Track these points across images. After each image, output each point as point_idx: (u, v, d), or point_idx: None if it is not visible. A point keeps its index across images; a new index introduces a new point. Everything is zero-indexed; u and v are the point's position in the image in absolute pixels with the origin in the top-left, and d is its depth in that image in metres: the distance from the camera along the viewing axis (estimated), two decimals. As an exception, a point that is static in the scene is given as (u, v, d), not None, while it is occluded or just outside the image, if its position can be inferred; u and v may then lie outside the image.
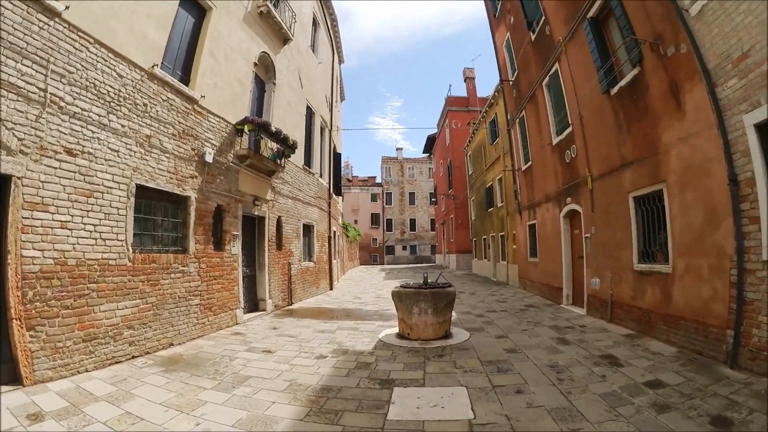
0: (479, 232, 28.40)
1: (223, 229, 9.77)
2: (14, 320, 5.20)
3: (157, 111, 7.80)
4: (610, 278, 9.58)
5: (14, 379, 5.25)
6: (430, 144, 49.55)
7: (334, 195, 21.38)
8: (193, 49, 9.15)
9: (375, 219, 62.52)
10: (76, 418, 4.55)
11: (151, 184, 7.54)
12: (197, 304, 8.71)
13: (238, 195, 10.42)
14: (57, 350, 5.66)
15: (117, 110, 6.84)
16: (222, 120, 9.89)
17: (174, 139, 8.28)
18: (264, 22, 12.05)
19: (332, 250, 19.62)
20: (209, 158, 9.13)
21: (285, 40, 13.44)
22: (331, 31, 21.36)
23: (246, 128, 10.42)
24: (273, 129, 11.04)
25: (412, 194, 63.62)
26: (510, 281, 20.24)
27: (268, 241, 12.05)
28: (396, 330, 8.90)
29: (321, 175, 18.29)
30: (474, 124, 29.72)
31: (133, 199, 7.07)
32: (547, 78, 13.30)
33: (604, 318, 9.72)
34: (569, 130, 11.82)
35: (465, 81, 39.78)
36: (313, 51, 17.82)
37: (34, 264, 5.44)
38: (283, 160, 12.41)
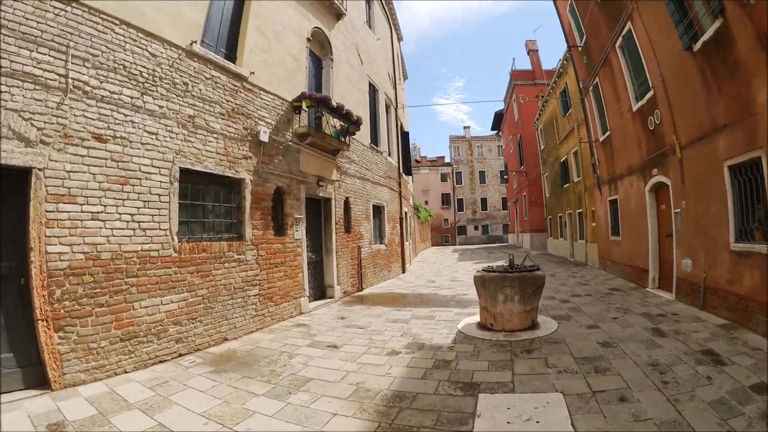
0: (554, 209, 26.33)
1: (284, 212, 8.90)
2: (40, 321, 4.54)
3: (200, 90, 7.00)
4: (703, 260, 8.11)
5: (42, 383, 4.66)
6: (498, 121, 47.05)
7: (403, 174, 20.28)
8: (237, 27, 8.32)
9: (445, 199, 60.92)
10: (99, 430, 3.82)
11: (197, 167, 6.75)
12: (255, 295, 7.91)
13: (300, 176, 9.52)
14: (90, 351, 4.96)
15: (152, 91, 6.10)
16: (276, 97, 9.00)
17: (222, 119, 7.46)
18: (312, -4, 11.10)
19: (404, 231, 18.53)
20: (264, 137, 8.26)
21: (338, 15, 12.36)
22: (386, 7, 20.05)
23: (304, 104, 9.48)
24: (333, 104, 10.00)
25: (482, 173, 61.34)
26: (589, 261, 18.33)
27: (336, 223, 11.13)
28: (476, 319, 7.68)
29: (389, 154, 17.20)
30: (543, 97, 27.62)
31: (176, 184, 6.29)
32: (620, 39, 11.68)
33: (696, 305, 8.30)
34: (650, 93, 10.24)
35: (528, 54, 37.14)
36: (370, 27, 16.61)
37: (61, 260, 4.77)
38: (347, 138, 11.41)
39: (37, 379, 4.62)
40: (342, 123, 10.92)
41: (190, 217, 6.71)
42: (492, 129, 51.45)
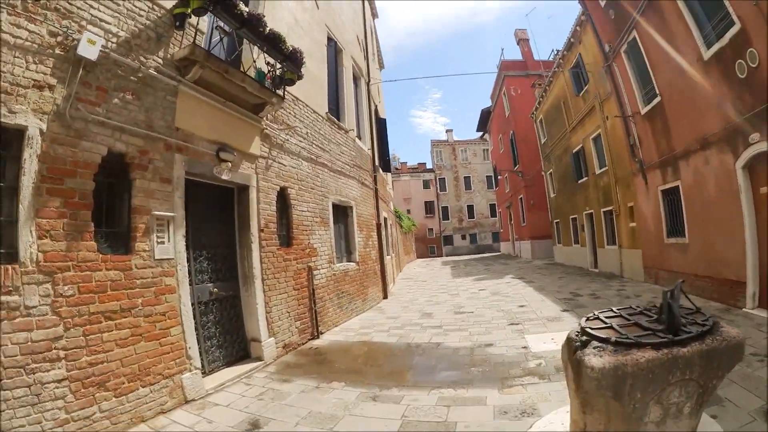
0: (564, 211, 22.13)
1: (132, 205, 4.44)
2: None
3: None
4: None
5: None
6: (485, 120, 42.89)
7: (380, 170, 15.97)
8: None
9: (429, 207, 56.64)
10: None
11: None
12: (61, 380, 3.60)
13: (175, 136, 5.06)
14: None
15: None
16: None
17: (10, 12, 3.52)
18: None
19: (383, 242, 14.00)
20: (89, 51, 3.95)
21: None
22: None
23: (190, 6, 5.10)
24: (242, 8, 5.57)
25: (467, 178, 57.28)
26: (626, 272, 14.16)
27: (261, 230, 6.62)
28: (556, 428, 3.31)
29: (359, 137, 12.84)
30: (541, 85, 23.99)
31: None
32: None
33: None
34: (735, 29, 7.54)
35: (518, 44, 33.56)
36: (335, -30, 12.41)
37: None
38: (282, 89, 7.01)
39: None
40: (270, 57, 6.52)
41: None
42: (478, 130, 47.61)
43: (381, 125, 16.95)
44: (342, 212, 10.52)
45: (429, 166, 60.12)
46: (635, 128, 12.54)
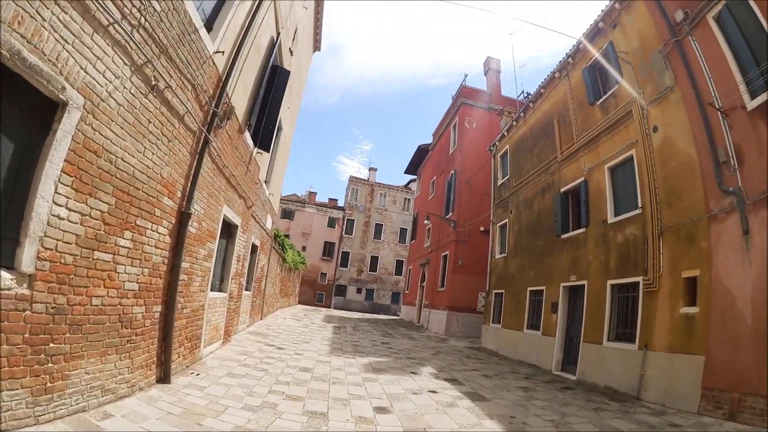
0: (518, 278, 16.32)
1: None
2: None
3: None
4: None
5: None
6: (419, 159, 37.40)
7: (248, 136, 9.45)
8: None
9: (328, 249, 50.05)
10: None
11: None
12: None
13: None
14: None
15: None
16: None
17: None
18: None
19: (189, 255, 7.00)
20: None
21: None
22: None
23: None
24: None
25: (379, 226, 51.72)
26: (651, 392, 8.41)
27: None
28: None
29: (209, 28, 6.27)
30: (510, 113, 19.78)
31: None
32: None
33: None
34: None
35: (486, 74, 29.03)
36: None
37: None
38: None
39: None
40: None
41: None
42: (406, 172, 41.96)
43: (278, 75, 10.49)
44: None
45: (341, 203, 53.98)
46: (730, 134, 7.61)
